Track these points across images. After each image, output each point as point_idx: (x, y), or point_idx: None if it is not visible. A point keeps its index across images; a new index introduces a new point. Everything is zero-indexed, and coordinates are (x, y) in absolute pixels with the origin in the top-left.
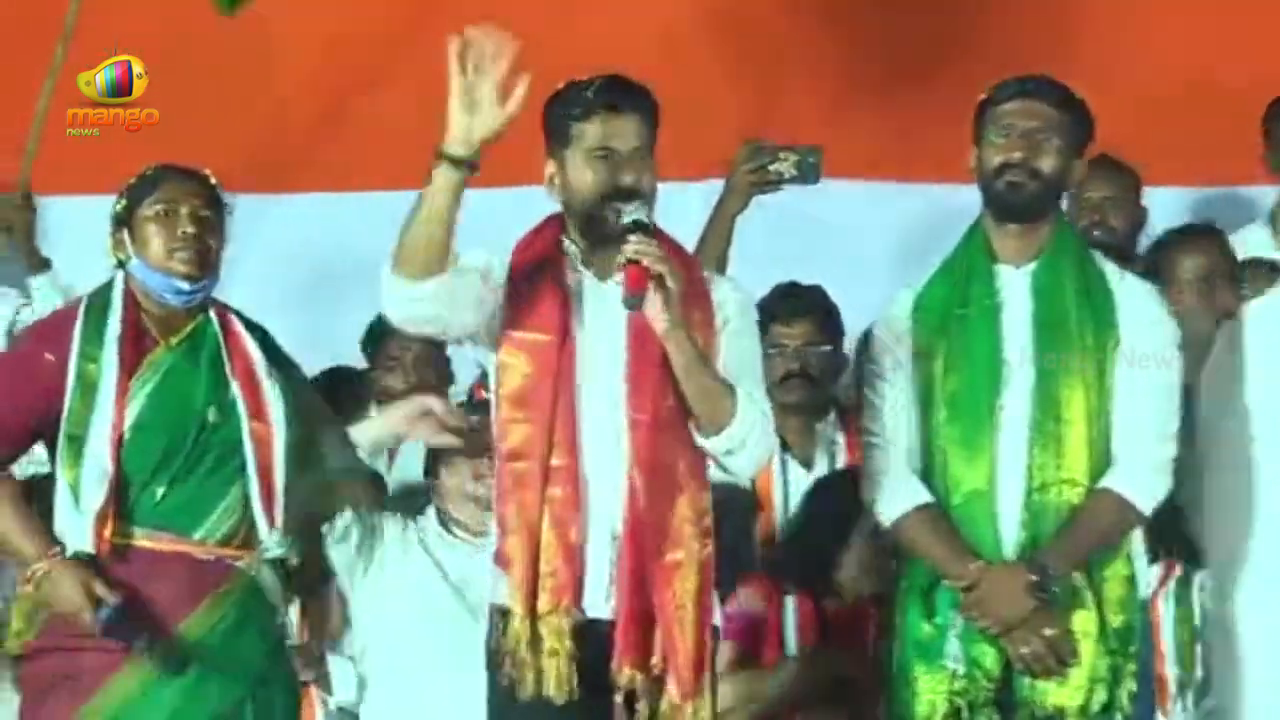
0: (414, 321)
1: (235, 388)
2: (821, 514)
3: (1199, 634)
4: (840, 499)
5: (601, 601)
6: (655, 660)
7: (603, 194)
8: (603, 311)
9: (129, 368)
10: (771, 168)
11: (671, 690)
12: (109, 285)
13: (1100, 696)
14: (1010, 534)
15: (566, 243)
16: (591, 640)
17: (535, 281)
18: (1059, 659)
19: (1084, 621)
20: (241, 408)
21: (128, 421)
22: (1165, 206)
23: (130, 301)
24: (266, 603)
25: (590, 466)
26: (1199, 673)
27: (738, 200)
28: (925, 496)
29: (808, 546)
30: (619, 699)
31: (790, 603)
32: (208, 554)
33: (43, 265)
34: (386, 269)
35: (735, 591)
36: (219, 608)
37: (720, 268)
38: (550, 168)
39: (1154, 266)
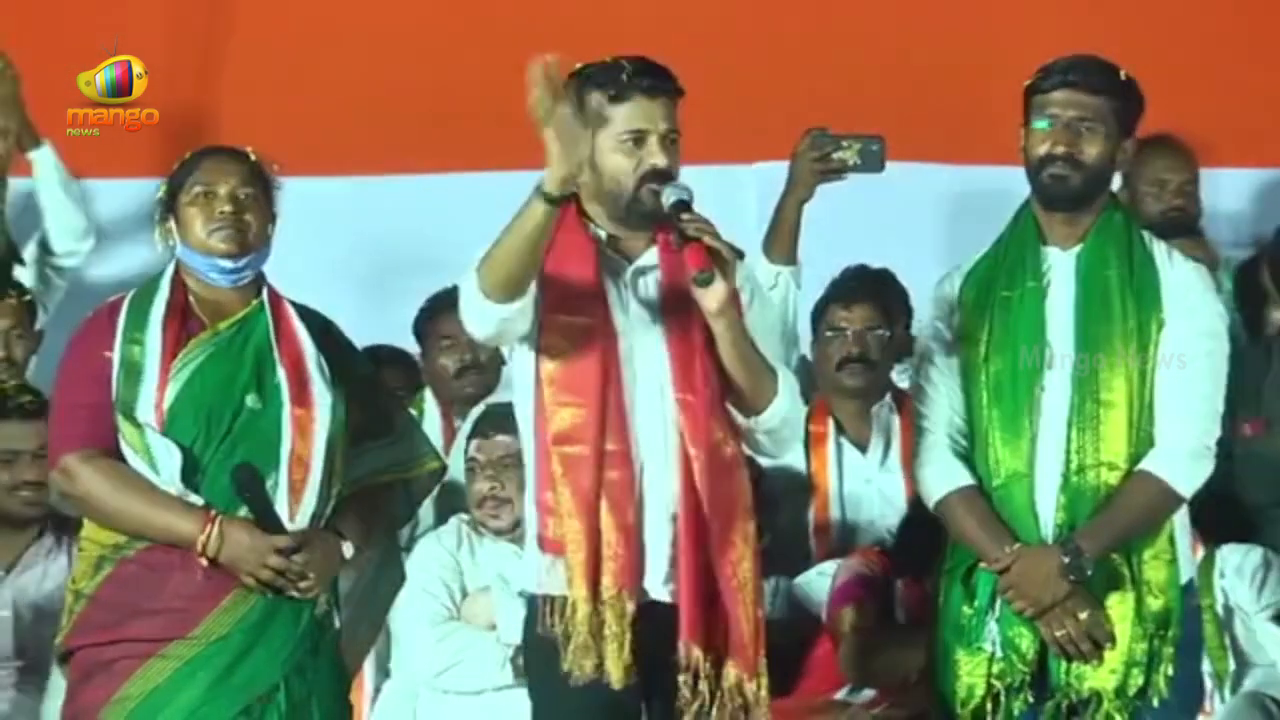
0: (498, 338)
1: (281, 375)
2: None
3: (1225, 623)
4: None
5: (660, 584)
6: (716, 639)
7: (640, 176)
8: (637, 294)
9: (172, 349)
10: (835, 156)
11: (734, 668)
12: (159, 274)
13: (1136, 680)
14: (1048, 516)
15: (593, 228)
16: (650, 622)
17: (570, 266)
18: (1094, 642)
19: (1121, 604)
20: (285, 394)
21: (167, 401)
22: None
23: (178, 286)
24: None
25: (643, 448)
26: (1232, 664)
27: (803, 188)
28: (967, 479)
29: (915, 539)
30: (683, 679)
31: (898, 584)
32: None
33: (36, 142)
34: (473, 290)
35: (845, 563)
36: (248, 598)
37: (791, 255)
38: None
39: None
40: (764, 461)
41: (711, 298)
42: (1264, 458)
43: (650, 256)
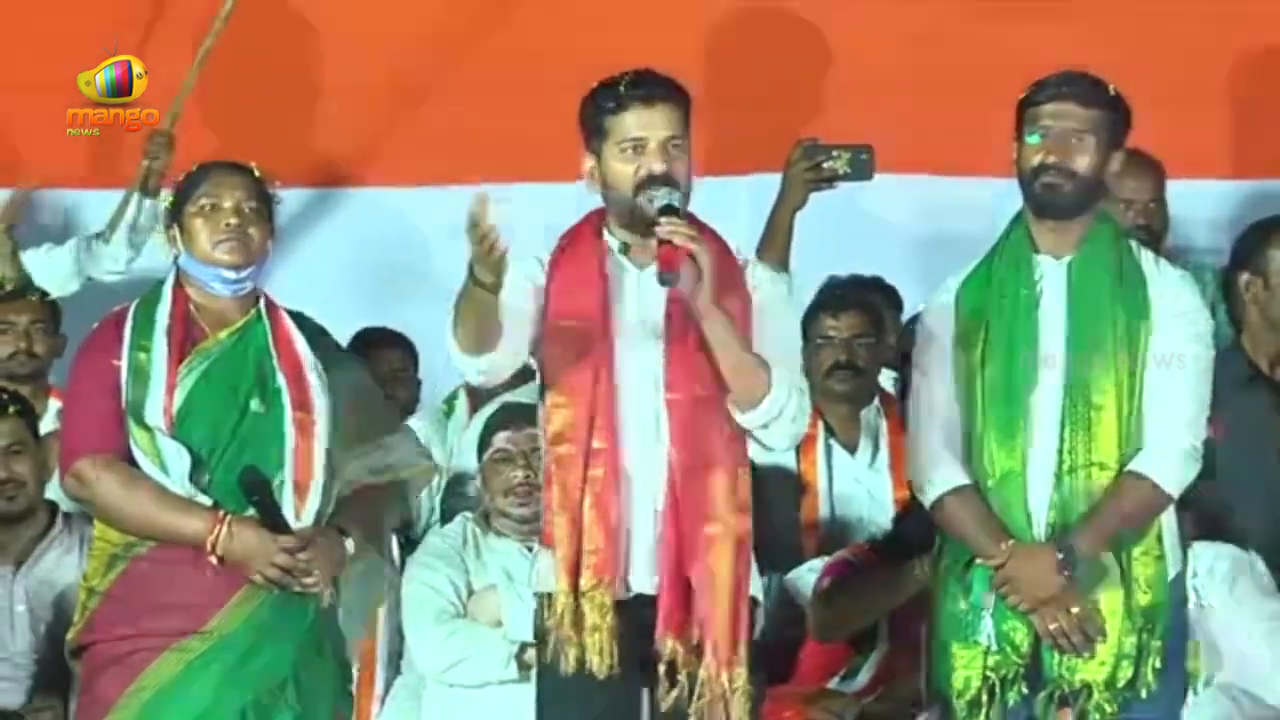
0: (488, 383)
1: (281, 380)
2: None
3: (1197, 621)
4: None
5: (646, 576)
6: (694, 631)
7: (637, 183)
8: (642, 299)
9: (178, 356)
10: (825, 165)
11: (708, 659)
12: (160, 283)
13: (1126, 672)
14: (1041, 515)
15: (607, 235)
16: (637, 614)
17: (575, 272)
18: (1086, 636)
19: (1111, 599)
20: (286, 399)
21: (175, 406)
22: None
23: (180, 294)
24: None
25: (632, 447)
26: (1204, 662)
27: (796, 197)
28: (962, 479)
29: (902, 538)
30: (662, 669)
31: None
32: None
33: (157, 190)
34: (449, 342)
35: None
36: (258, 594)
37: (784, 262)
38: (588, 162)
39: (1239, 255)
40: (758, 461)
41: (692, 298)
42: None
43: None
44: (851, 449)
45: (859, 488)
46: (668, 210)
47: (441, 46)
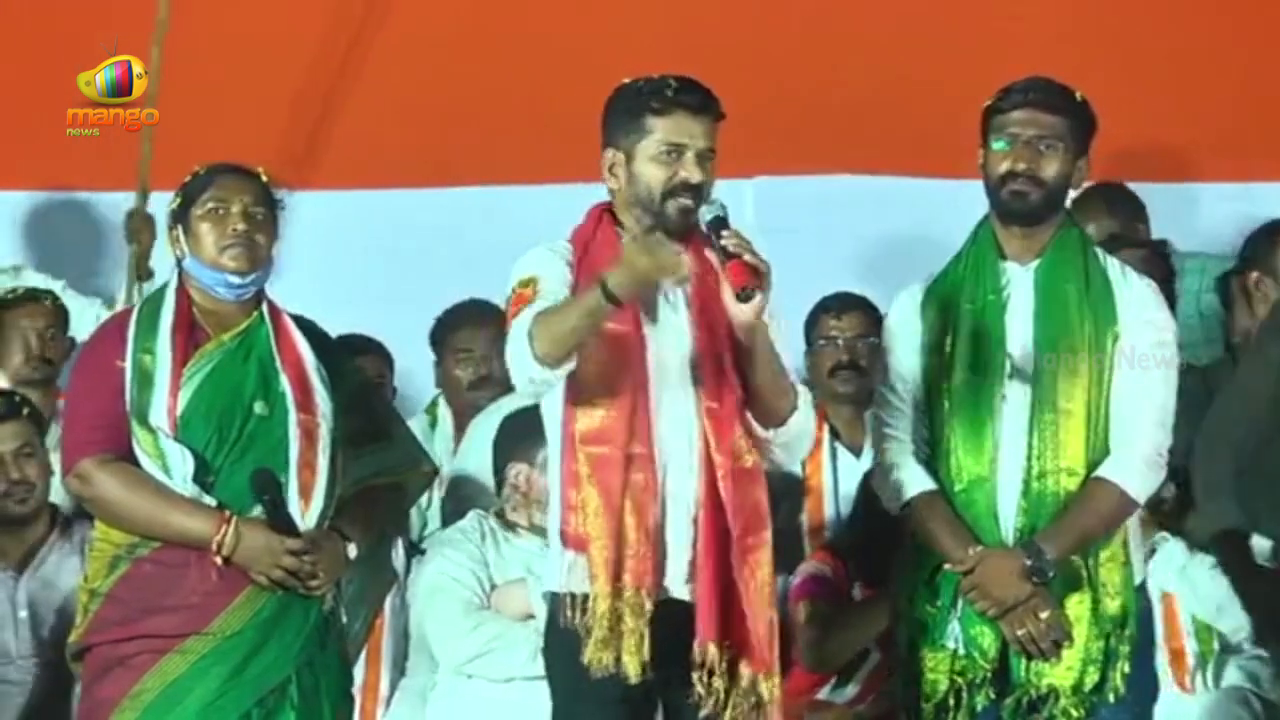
0: (536, 394)
1: (284, 382)
2: (879, 510)
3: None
4: None
5: (681, 583)
6: (732, 638)
7: (669, 188)
8: (664, 304)
9: (182, 358)
10: None
11: (748, 667)
12: (164, 285)
13: (1092, 677)
14: (1009, 520)
15: (626, 239)
16: (670, 619)
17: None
18: (1054, 641)
19: (1078, 604)
20: (290, 401)
21: (179, 408)
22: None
23: (183, 296)
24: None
25: (666, 453)
26: (1217, 646)
27: None
28: (929, 484)
29: (867, 542)
30: (698, 676)
31: (856, 590)
32: None
33: (149, 275)
34: (524, 349)
35: (801, 563)
36: (261, 595)
37: None
38: (612, 158)
39: (1247, 255)
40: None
41: (749, 311)
42: None
43: (686, 262)
44: (856, 451)
45: None
46: (721, 223)
47: (433, 47)
